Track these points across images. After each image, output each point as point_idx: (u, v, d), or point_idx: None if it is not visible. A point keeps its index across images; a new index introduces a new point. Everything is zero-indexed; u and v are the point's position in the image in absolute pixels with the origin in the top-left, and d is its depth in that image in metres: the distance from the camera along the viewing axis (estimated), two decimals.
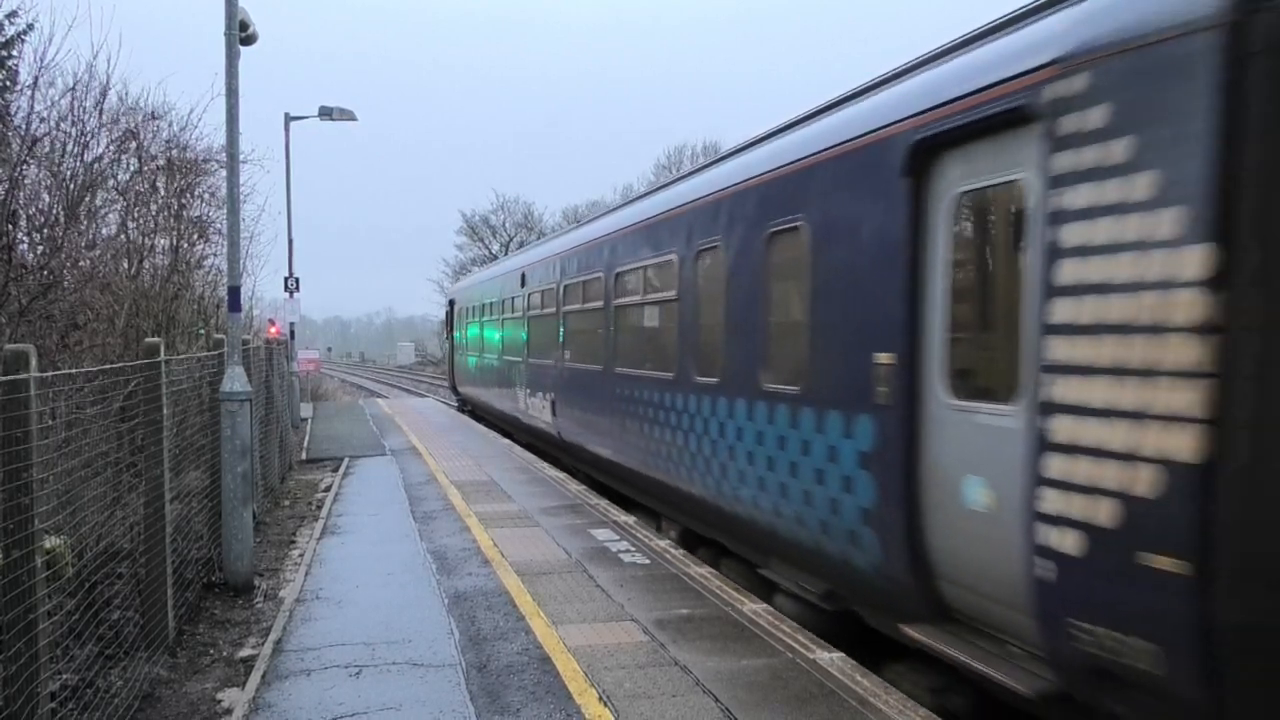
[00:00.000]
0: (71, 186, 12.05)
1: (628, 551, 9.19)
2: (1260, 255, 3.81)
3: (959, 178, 5.60)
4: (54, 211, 11.66)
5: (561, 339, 15.47)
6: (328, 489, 13.55)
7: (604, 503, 11.95)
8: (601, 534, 10.00)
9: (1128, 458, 4.16)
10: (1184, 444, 3.91)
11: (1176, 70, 4.04)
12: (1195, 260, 3.93)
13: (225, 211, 10.41)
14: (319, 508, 12.12)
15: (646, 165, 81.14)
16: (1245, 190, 3.82)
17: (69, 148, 12.36)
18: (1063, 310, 4.55)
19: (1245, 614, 3.82)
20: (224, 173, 10.68)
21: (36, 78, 11.69)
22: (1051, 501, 4.57)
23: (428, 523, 10.72)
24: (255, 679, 5.92)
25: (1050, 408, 4.59)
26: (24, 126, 11.60)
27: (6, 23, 12.91)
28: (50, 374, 5.53)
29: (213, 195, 15.63)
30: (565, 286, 15.30)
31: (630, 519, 10.89)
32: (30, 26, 12.96)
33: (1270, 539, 3.82)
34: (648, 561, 8.79)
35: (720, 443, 8.65)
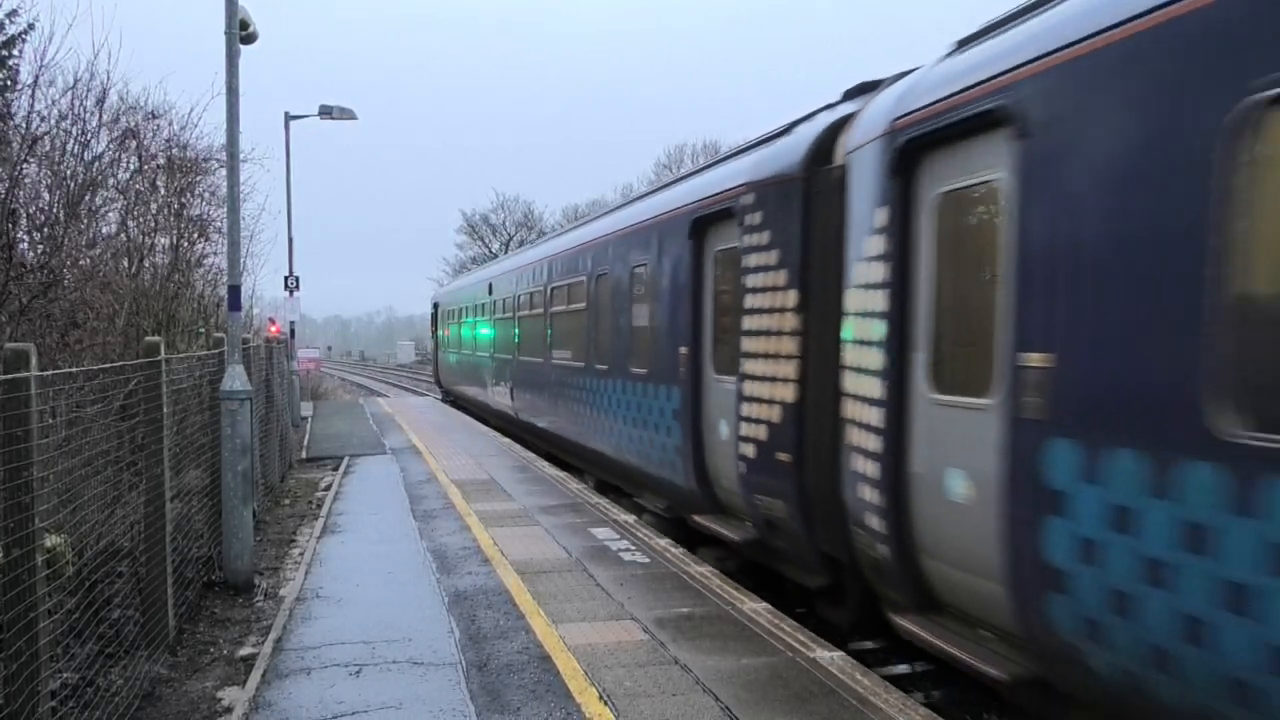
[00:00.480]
0: (72, 185, 12.06)
1: (627, 550, 9.20)
2: (814, 297, 7.31)
3: (714, 243, 9.37)
4: (54, 210, 11.65)
5: (517, 337, 19.20)
6: (328, 488, 13.55)
7: (604, 501, 11.96)
8: (601, 532, 10.01)
9: (769, 402, 7.82)
10: (789, 393, 7.57)
11: (784, 198, 7.70)
12: (792, 297, 7.54)
13: (225, 210, 10.40)
14: (319, 506, 12.12)
15: (647, 164, 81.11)
16: (810, 260, 7.36)
17: (69, 146, 12.38)
18: (747, 322, 8.21)
19: (813, 481, 7.33)
20: (224, 171, 10.69)
21: (37, 77, 11.71)
22: (744, 429, 8.29)
23: (428, 521, 10.73)
24: (255, 677, 5.92)
25: (743, 376, 8.29)
26: (24, 125, 11.61)
27: (7, 22, 12.87)
28: (50, 373, 5.52)
29: (213, 194, 15.61)
30: (519, 296, 19.16)
31: (630, 518, 10.90)
32: (31, 25, 12.92)
33: (820, 443, 7.19)
34: (647, 560, 8.80)
35: (610, 410, 12.33)
